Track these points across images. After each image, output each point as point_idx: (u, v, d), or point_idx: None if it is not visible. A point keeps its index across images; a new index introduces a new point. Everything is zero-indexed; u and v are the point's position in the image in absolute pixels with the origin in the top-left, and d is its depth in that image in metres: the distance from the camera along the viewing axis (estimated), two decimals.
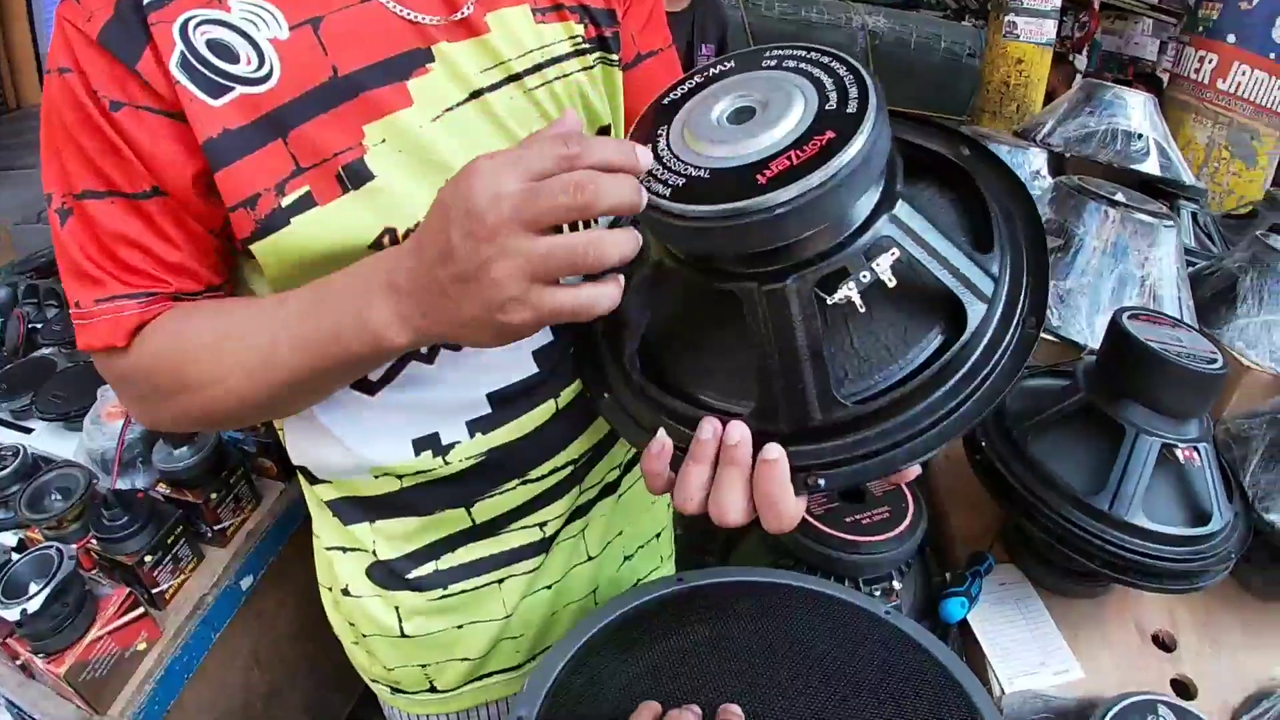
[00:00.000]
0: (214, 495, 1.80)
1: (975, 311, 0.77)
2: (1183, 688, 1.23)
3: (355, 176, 0.84)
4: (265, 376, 0.84)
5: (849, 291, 0.74)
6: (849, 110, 0.70)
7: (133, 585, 1.66)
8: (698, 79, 0.83)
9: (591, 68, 1.00)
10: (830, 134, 0.69)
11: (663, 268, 0.82)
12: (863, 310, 0.75)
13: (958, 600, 1.14)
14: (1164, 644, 1.29)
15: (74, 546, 1.63)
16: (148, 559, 1.64)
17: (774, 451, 0.75)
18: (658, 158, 0.75)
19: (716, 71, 0.82)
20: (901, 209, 0.75)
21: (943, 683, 0.84)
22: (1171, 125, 3.50)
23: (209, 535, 1.84)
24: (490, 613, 1.13)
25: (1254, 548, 1.26)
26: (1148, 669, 1.24)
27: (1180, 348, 1.15)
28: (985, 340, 0.78)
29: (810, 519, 1.10)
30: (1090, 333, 1.47)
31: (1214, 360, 1.14)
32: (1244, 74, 3.48)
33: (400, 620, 1.12)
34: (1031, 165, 2.20)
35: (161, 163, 0.81)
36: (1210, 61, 3.53)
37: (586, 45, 0.99)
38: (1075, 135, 2.31)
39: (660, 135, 0.77)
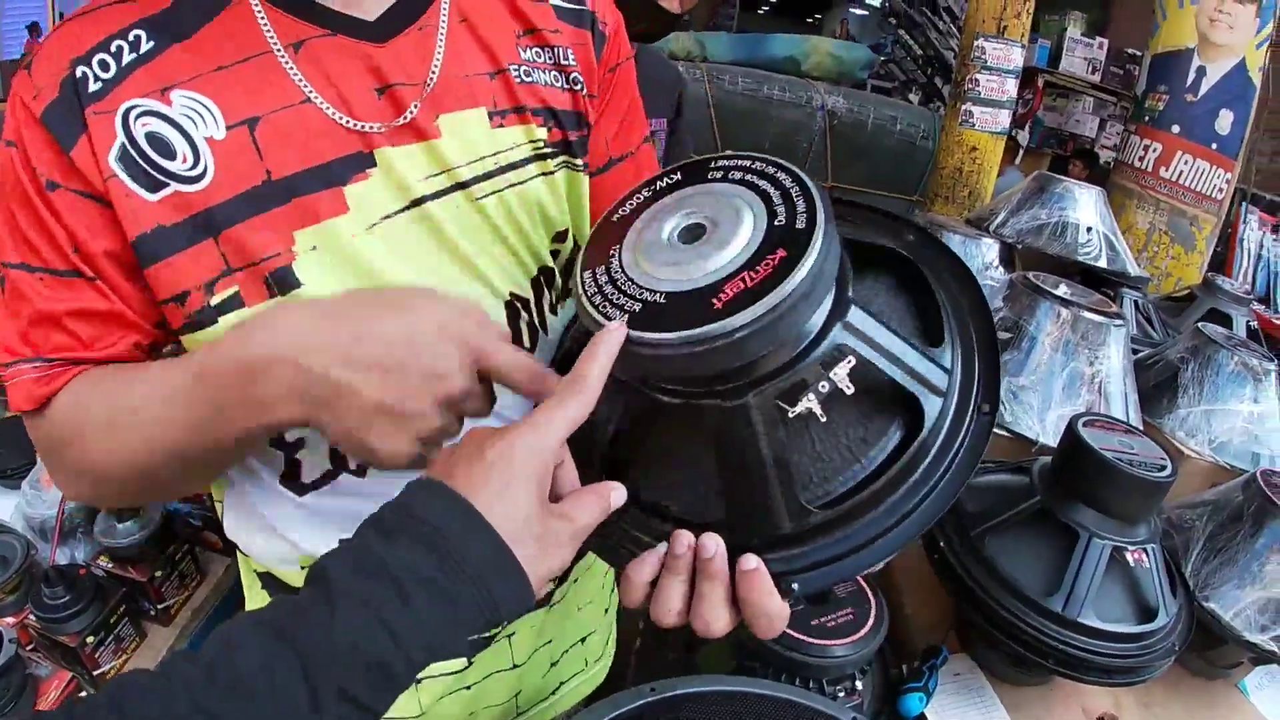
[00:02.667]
0: (158, 573, 1.73)
1: (931, 406, 0.78)
2: None
3: (282, 283, 0.82)
4: (154, 450, 0.81)
5: (809, 403, 0.74)
6: (798, 225, 0.70)
7: (73, 667, 1.60)
8: (646, 193, 0.82)
9: (552, 173, 0.97)
10: (782, 253, 0.69)
11: (620, 384, 0.79)
12: (824, 419, 0.76)
13: (916, 695, 1.17)
14: None
15: (12, 625, 1.58)
16: (89, 640, 1.57)
17: (752, 561, 0.75)
18: (612, 279, 0.74)
19: (664, 184, 0.82)
20: (854, 315, 0.76)
21: None
22: (1115, 209, 3.62)
23: (152, 613, 1.77)
24: (404, 709, 1.10)
25: (1194, 631, 1.30)
26: None
27: (1132, 455, 1.19)
28: (943, 432, 0.79)
29: None
30: (1042, 428, 1.51)
31: (1164, 467, 1.19)
32: (1186, 163, 3.61)
33: None
34: (985, 257, 2.25)
35: (93, 248, 0.80)
36: (1154, 150, 3.66)
37: (549, 150, 0.97)
38: (1027, 227, 2.38)
39: (613, 255, 0.77)
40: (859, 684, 1.14)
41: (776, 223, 0.72)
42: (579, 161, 1.00)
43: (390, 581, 0.62)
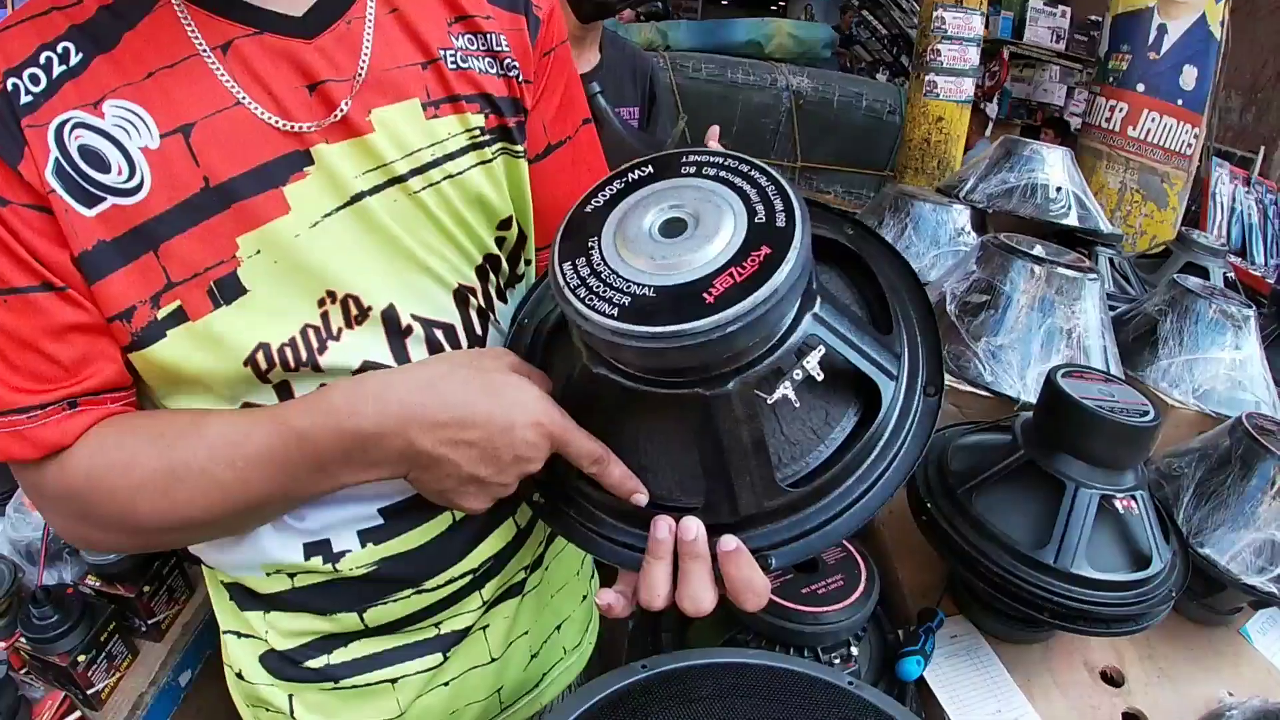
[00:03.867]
0: (147, 589, 1.74)
1: (887, 389, 0.84)
2: None
3: (227, 291, 0.83)
4: (228, 504, 0.84)
5: (785, 390, 0.79)
6: (778, 224, 0.74)
7: (66, 686, 1.60)
8: (618, 185, 0.84)
9: (490, 160, 0.98)
10: (766, 249, 0.72)
11: (597, 374, 0.83)
12: (797, 404, 0.80)
13: (914, 659, 1.16)
14: (1113, 680, 1.32)
15: (2, 649, 1.58)
16: (81, 659, 1.57)
17: (731, 542, 0.80)
18: (595, 272, 0.76)
19: (636, 177, 0.84)
20: (822, 307, 0.79)
21: None
22: (1085, 171, 3.64)
23: (143, 629, 1.77)
24: (383, 710, 1.11)
25: (1190, 579, 1.30)
26: (1100, 706, 1.26)
27: (1113, 402, 1.19)
28: (896, 412, 0.85)
29: None
30: (1023, 386, 1.51)
31: (1146, 412, 1.18)
32: (1153, 120, 3.62)
33: (292, 709, 1.10)
34: (956, 222, 2.25)
35: (55, 258, 0.79)
36: (1120, 110, 3.67)
37: (486, 137, 0.97)
38: (996, 191, 2.38)
39: (592, 248, 0.79)
40: (854, 650, 1.13)
41: (757, 220, 0.75)
42: (518, 148, 1.00)
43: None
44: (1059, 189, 2.35)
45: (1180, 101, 3.60)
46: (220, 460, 0.81)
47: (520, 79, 0.99)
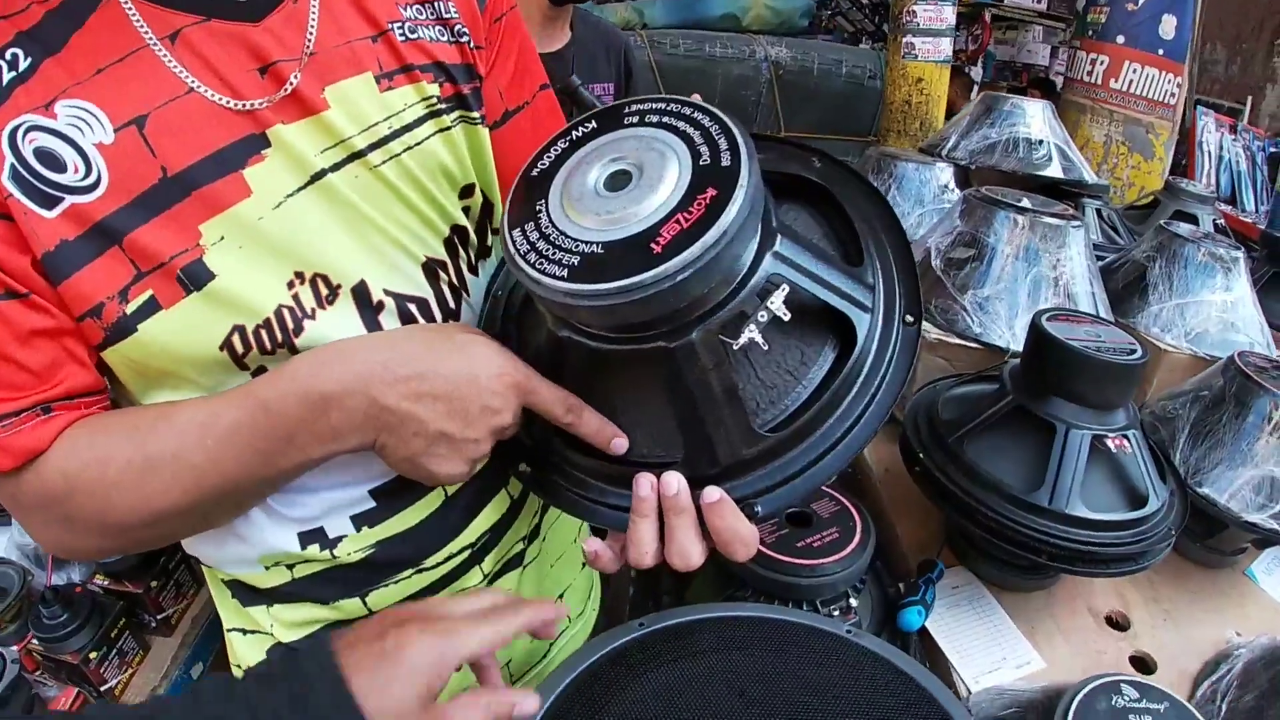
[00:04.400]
0: (154, 584, 1.76)
1: (861, 323, 0.82)
2: (1142, 664, 1.26)
3: (195, 278, 0.82)
4: (203, 488, 0.83)
5: (751, 334, 0.77)
6: (724, 164, 0.73)
7: (79, 684, 1.62)
8: (563, 144, 0.83)
9: (450, 128, 0.97)
10: (712, 191, 0.71)
11: (562, 338, 0.83)
12: (765, 347, 0.79)
13: (914, 609, 1.16)
14: (1118, 624, 1.33)
15: (15, 649, 1.59)
16: (92, 656, 1.60)
17: (715, 493, 0.80)
18: (544, 235, 0.76)
19: (580, 134, 0.83)
20: (782, 245, 0.79)
21: (911, 693, 0.85)
22: (1069, 126, 3.63)
23: (153, 625, 1.80)
24: None
25: (1191, 520, 1.30)
26: (1106, 650, 1.27)
27: (1099, 342, 1.19)
28: (874, 345, 0.84)
29: (762, 548, 1.11)
30: (1012, 336, 1.51)
31: (1133, 351, 1.19)
32: (1135, 72, 3.62)
33: None
34: (939, 180, 2.25)
35: (12, 266, 0.78)
36: (1101, 63, 3.67)
37: (443, 105, 0.96)
38: (978, 147, 2.38)
39: (540, 211, 0.78)
40: (854, 602, 1.14)
41: (702, 162, 0.74)
42: (475, 114, 1.00)
43: (251, 716, 0.65)
44: (1041, 142, 2.35)
45: (1161, 51, 3.60)
46: (191, 444, 0.81)
47: (471, 45, 0.99)
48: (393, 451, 0.84)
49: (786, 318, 0.78)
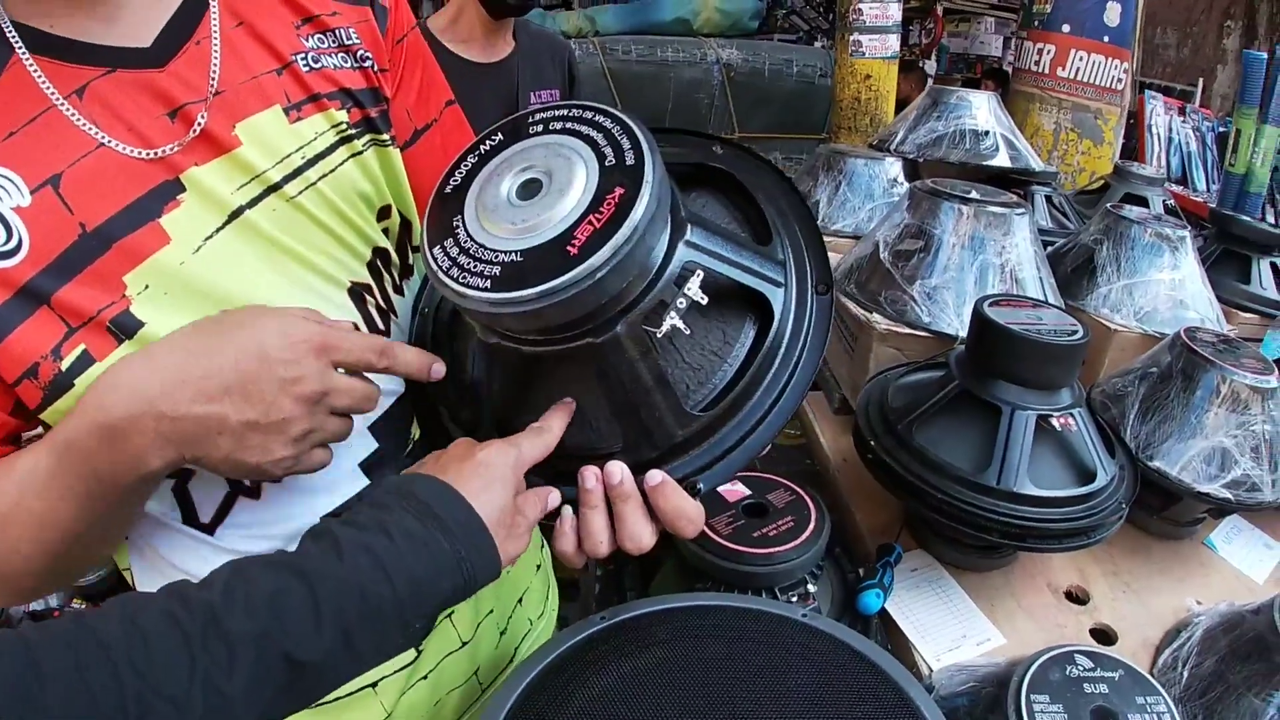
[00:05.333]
0: None
1: (776, 297, 0.86)
2: (1104, 635, 1.29)
3: (125, 328, 0.82)
4: (48, 532, 0.81)
5: (673, 321, 0.81)
6: (628, 162, 0.76)
7: None
8: (472, 159, 0.85)
9: (362, 152, 0.98)
10: (620, 190, 0.74)
11: (492, 347, 0.85)
12: (688, 332, 0.83)
13: (872, 592, 1.19)
14: (1078, 598, 1.36)
15: None
16: None
17: (657, 476, 0.83)
18: (463, 250, 0.78)
19: (489, 148, 0.85)
20: (693, 233, 0.82)
21: (865, 671, 0.88)
22: (1019, 116, 3.68)
23: None
24: (371, 715, 1.09)
25: (1147, 494, 1.34)
26: (1067, 624, 1.29)
27: (1040, 325, 1.22)
28: (791, 317, 0.88)
29: (719, 539, 1.14)
30: (960, 323, 1.53)
31: (1074, 331, 1.22)
32: (1081, 59, 3.66)
33: None
34: (888, 174, 2.28)
35: None
36: (1048, 52, 3.71)
37: (353, 130, 0.97)
38: (926, 140, 2.41)
39: (457, 226, 0.80)
40: (812, 588, 1.16)
41: (607, 163, 0.77)
42: (385, 136, 1.01)
43: (385, 534, 0.72)
44: (987, 133, 2.39)
45: (1106, 38, 3.64)
46: (29, 492, 0.79)
47: (375, 68, 1.00)
48: (207, 459, 0.80)
49: (705, 301, 0.82)
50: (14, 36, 0.78)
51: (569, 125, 0.82)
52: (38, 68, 0.79)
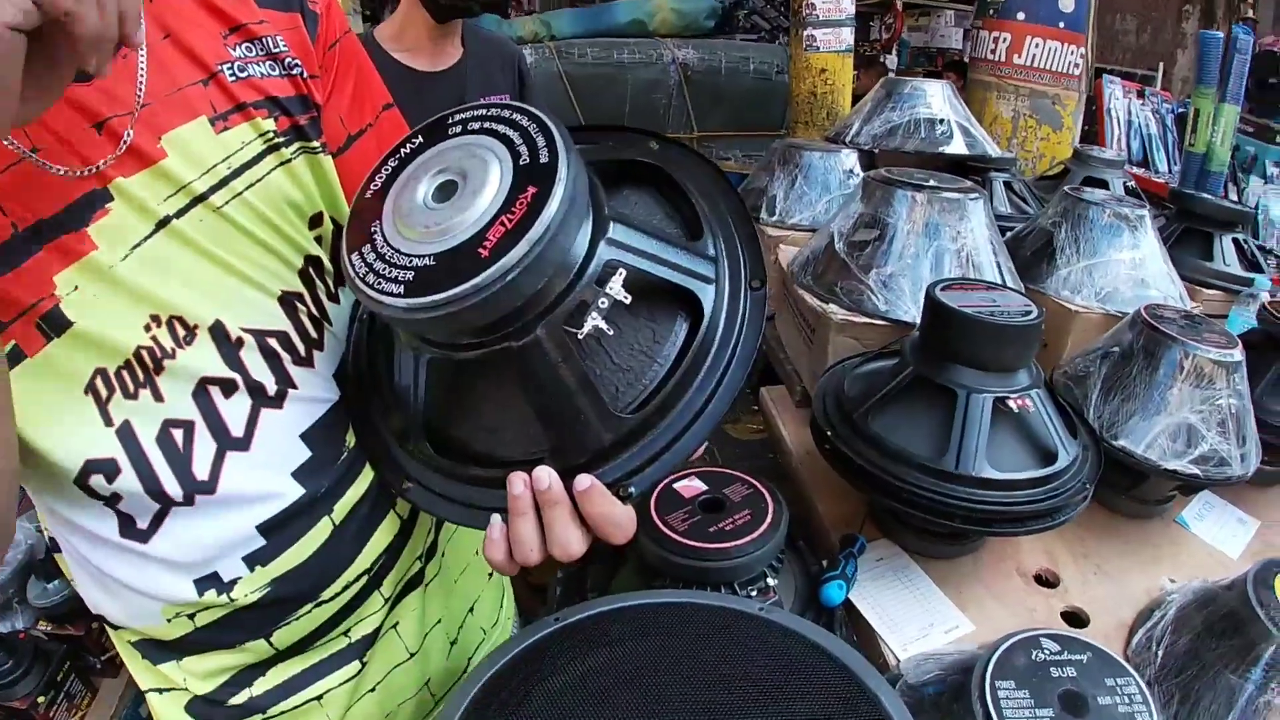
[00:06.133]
0: (95, 625, 1.74)
1: (706, 295, 0.85)
2: (1075, 618, 1.28)
3: (54, 324, 0.82)
4: None
5: (595, 321, 0.80)
6: (542, 160, 0.75)
7: None
8: (392, 163, 0.85)
9: (290, 160, 0.97)
10: (532, 189, 0.73)
11: (417, 351, 0.85)
12: (611, 332, 0.81)
13: (834, 584, 1.17)
14: (1048, 582, 1.35)
15: None
16: (40, 700, 1.60)
17: (585, 481, 0.82)
18: (380, 255, 0.77)
19: (408, 151, 0.85)
20: (615, 230, 0.81)
21: (822, 662, 0.86)
22: (977, 104, 3.69)
23: (98, 666, 1.80)
24: None
25: (1114, 473, 1.34)
26: (1037, 608, 1.29)
27: (994, 307, 1.22)
28: (724, 314, 0.86)
29: (675, 535, 1.13)
30: (918, 310, 1.53)
31: (1028, 312, 1.21)
32: (1037, 46, 3.68)
33: None
34: (844, 166, 2.28)
35: None
36: (1004, 40, 3.73)
37: (281, 139, 0.97)
38: (881, 131, 2.42)
39: (375, 232, 0.79)
40: (772, 582, 1.15)
41: (521, 163, 0.76)
42: (316, 144, 1.00)
43: None
44: (942, 120, 2.39)
45: (1061, 24, 3.66)
46: None
47: (304, 75, 0.99)
48: None
49: (628, 301, 0.80)
50: None
51: (486, 125, 0.81)
52: None
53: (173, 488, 0.92)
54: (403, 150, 0.85)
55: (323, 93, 1.03)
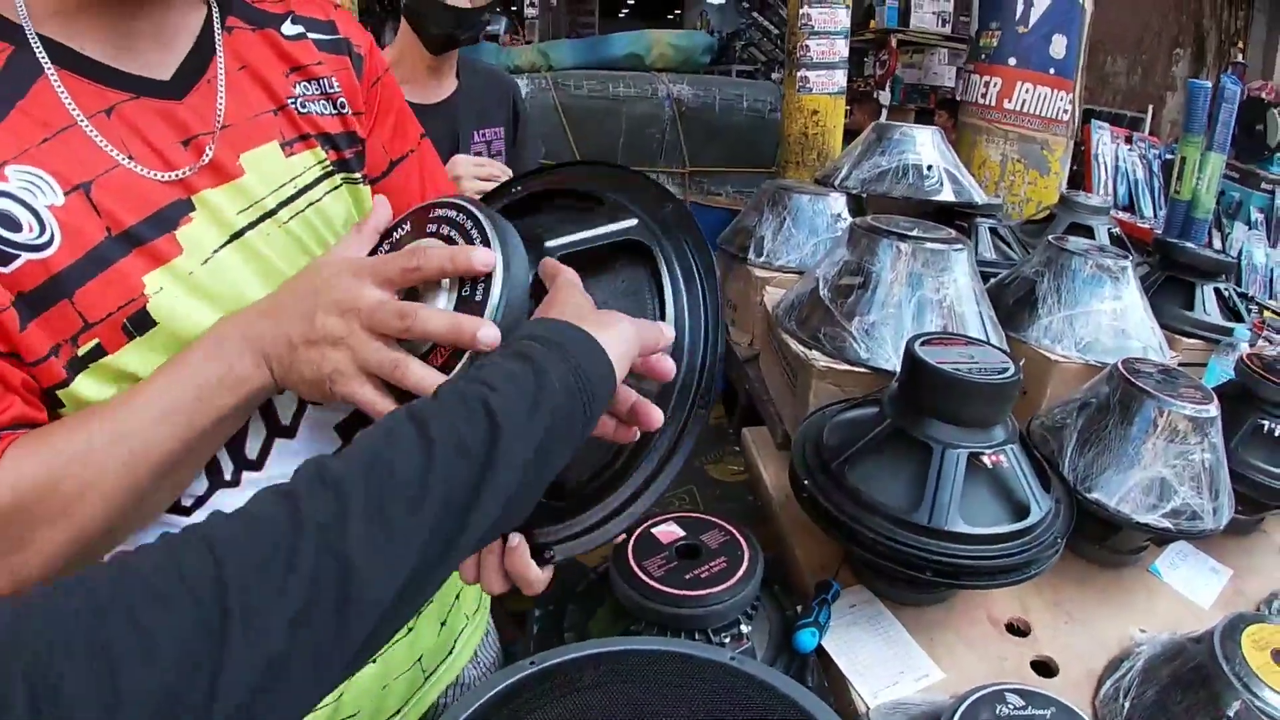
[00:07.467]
0: None
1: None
2: (1045, 667, 1.29)
3: (139, 325, 0.89)
4: (139, 465, 0.86)
5: None
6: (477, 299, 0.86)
7: None
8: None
9: (339, 187, 1.09)
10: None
11: None
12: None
13: (807, 631, 1.18)
14: (1019, 630, 1.36)
15: None
16: None
17: (515, 539, 0.92)
18: None
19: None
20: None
21: (792, 715, 0.88)
22: (966, 147, 3.72)
23: None
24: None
25: (1088, 524, 1.36)
26: (1007, 657, 1.30)
27: (972, 363, 1.24)
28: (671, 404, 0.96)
29: (651, 581, 1.14)
30: (898, 359, 1.54)
31: (1005, 369, 1.24)
32: (1028, 91, 3.72)
33: None
34: (832, 210, 2.30)
35: None
36: (995, 85, 3.77)
37: (332, 168, 1.08)
38: (870, 175, 2.44)
39: None
40: (745, 629, 1.16)
41: (464, 292, 0.88)
42: (356, 175, 1.12)
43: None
44: (930, 167, 2.42)
45: (1052, 70, 3.70)
46: (129, 417, 0.86)
47: (352, 113, 1.11)
48: (282, 373, 0.90)
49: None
50: (43, 56, 0.86)
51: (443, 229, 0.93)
52: (64, 87, 0.87)
53: (226, 466, 1.01)
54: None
55: (366, 127, 1.14)
